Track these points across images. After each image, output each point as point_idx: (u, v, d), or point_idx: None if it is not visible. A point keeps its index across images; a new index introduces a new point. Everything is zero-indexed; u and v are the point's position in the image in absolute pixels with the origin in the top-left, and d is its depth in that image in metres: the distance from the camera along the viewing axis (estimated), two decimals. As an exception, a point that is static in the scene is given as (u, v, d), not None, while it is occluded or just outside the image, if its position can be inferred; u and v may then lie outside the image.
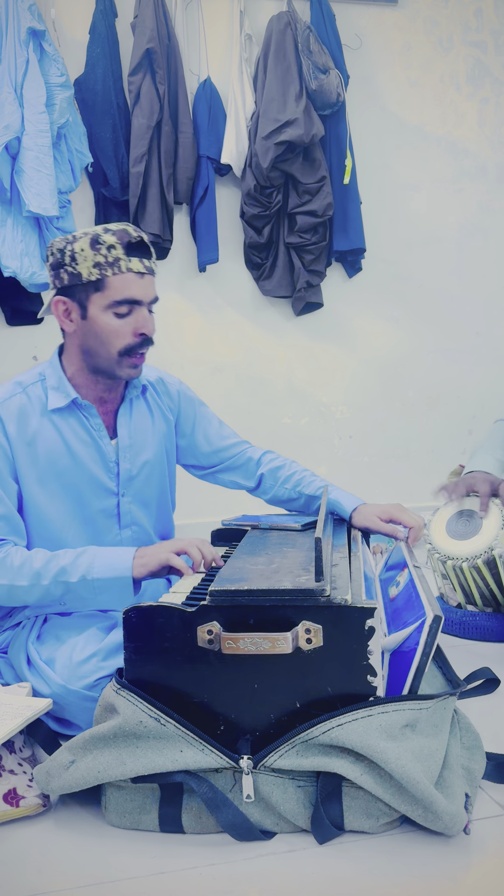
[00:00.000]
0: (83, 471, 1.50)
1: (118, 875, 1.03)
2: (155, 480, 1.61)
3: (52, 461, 1.47)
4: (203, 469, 1.75)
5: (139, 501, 1.59)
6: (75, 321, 1.44)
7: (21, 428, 1.45)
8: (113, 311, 1.40)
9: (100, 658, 1.37)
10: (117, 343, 1.43)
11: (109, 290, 1.39)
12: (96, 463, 1.51)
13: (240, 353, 3.24)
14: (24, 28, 2.63)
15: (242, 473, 1.75)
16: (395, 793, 1.06)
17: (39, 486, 1.47)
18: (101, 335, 1.42)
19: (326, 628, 1.09)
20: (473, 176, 3.45)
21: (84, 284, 1.40)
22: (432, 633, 1.15)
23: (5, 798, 1.14)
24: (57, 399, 1.47)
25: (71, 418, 1.49)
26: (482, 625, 1.92)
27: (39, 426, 1.46)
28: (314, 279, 3.11)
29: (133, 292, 1.40)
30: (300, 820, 1.09)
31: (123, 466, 1.54)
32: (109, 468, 1.53)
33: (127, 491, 1.56)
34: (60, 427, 1.48)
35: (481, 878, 1.02)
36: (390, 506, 1.64)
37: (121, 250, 1.39)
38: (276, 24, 2.99)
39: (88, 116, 2.87)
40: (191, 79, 3.04)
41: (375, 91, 3.31)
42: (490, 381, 3.53)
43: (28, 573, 1.36)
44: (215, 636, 1.10)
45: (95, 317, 1.41)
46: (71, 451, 1.48)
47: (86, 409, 1.50)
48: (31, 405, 1.47)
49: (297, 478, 1.73)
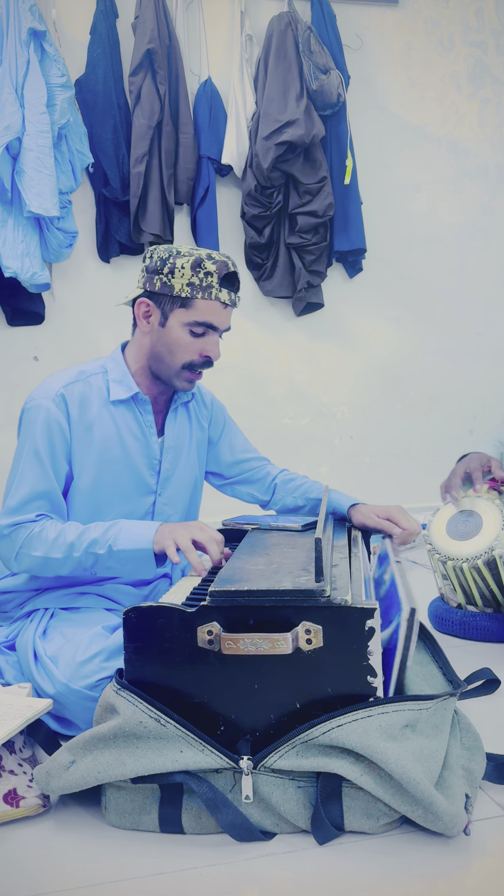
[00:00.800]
0: (130, 464, 1.56)
1: (118, 875, 1.03)
2: (187, 485, 1.68)
3: (105, 450, 1.53)
4: (223, 479, 1.81)
5: (172, 504, 1.64)
6: (153, 325, 1.52)
7: (82, 412, 1.52)
8: (190, 328, 1.49)
9: (103, 658, 1.38)
10: (184, 357, 1.51)
11: (194, 311, 1.48)
12: (142, 458, 1.58)
13: (241, 353, 3.24)
14: (24, 28, 2.63)
15: (259, 487, 1.81)
16: (395, 793, 1.05)
17: (90, 471, 1.53)
18: (172, 345, 1.51)
19: (326, 629, 1.09)
20: (474, 176, 3.45)
21: (172, 297, 1.48)
22: (409, 626, 1.15)
23: (5, 798, 1.14)
24: (119, 391, 1.54)
25: (128, 412, 1.56)
26: (482, 625, 1.92)
27: (98, 414, 1.53)
28: (315, 279, 3.11)
29: (214, 319, 1.50)
30: (300, 820, 1.09)
31: (164, 466, 1.61)
32: (153, 465, 1.60)
33: (164, 491, 1.62)
34: (117, 419, 1.55)
35: (481, 878, 1.02)
36: (390, 507, 1.66)
37: (216, 279, 1.48)
38: (277, 24, 2.99)
39: (89, 117, 2.88)
40: (191, 79, 3.04)
41: (376, 91, 3.31)
42: (491, 381, 3.53)
43: (62, 546, 1.42)
44: (215, 636, 1.10)
45: (172, 328, 1.50)
46: (123, 443, 1.55)
47: (142, 406, 1.57)
48: (91, 394, 1.54)
49: (305, 487, 1.79)
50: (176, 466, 1.63)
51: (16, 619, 1.56)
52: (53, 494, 1.49)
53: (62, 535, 1.42)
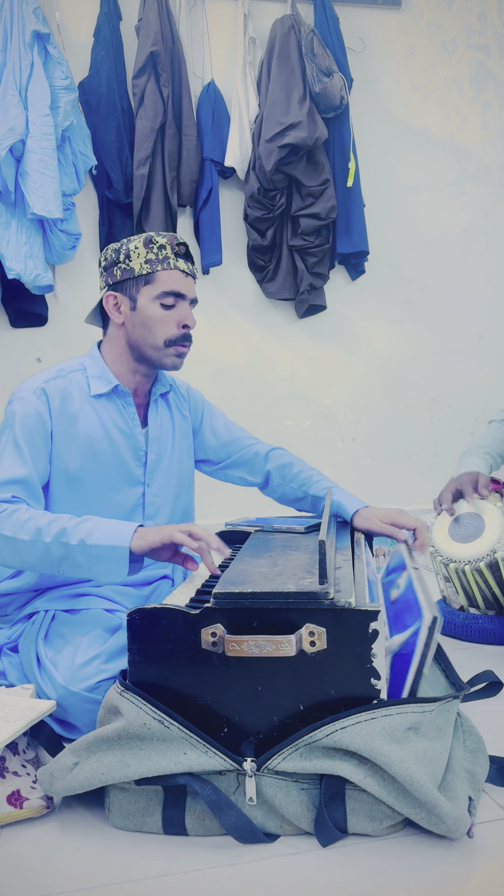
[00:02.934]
0: (116, 456, 1.57)
1: (121, 877, 1.03)
2: (175, 476, 1.67)
3: (90, 443, 1.54)
4: (213, 464, 1.80)
5: (161, 495, 1.64)
6: (124, 313, 1.56)
7: (64, 405, 1.53)
8: (160, 301, 1.53)
9: (102, 660, 1.38)
10: (163, 331, 1.54)
11: (158, 283, 1.53)
12: (128, 450, 1.58)
13: (243, 355, 3.24)
14: (28, 31, 2.64)
15: (249, 469, 1.79)
16: (398, 796, 1.05)
17: (76, 464, 1.53)
18: (149, 323, 1.54)
19: (330, 631, 1.09)
20: (477, 179, 3.45)
21: (136, 278, 1.53)
22: (430, 634, 1.15)
23: (9, 800, 1.15)
24: (99, 386, 1.56)
25: (110, 405, 1.58)
26: (485, 628, 1.92)
27: (81, 408, 1.55)
28: (317, 282, 3.12)
29: (178, 286, 1.54)
30: (303, 822, 1.09)
31: (150, 457, 1.62)
32: (139, 456, 1.60)
33: (152, 481, 1.62)
34: (100, 412, 1.56)
35: (484, 881, 1.02)
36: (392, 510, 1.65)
37: (170, 250, 1.54)
38: (280, 27, 2.99)
39: (92, 119, 2.88)
40: (195, 82, 3.05)
41: (379, 94, 3.32)
42: (493, 384, 3.53)
43: (31, 528, 1.37)
44: (219, 638, 1.10)
45: (144, 307, 1.53)
46: (108, 436, 1.56)
47: (124, 398, 1.59)
48: (73, 388, 1.56)
49: (304, 477, 1.76)
50: (162, 457, 1.64)
51: (16, 622, 1.56)
52: (30, 482, 1.47)
53: (33, 519, 1.38)
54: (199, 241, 3.07)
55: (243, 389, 3.25)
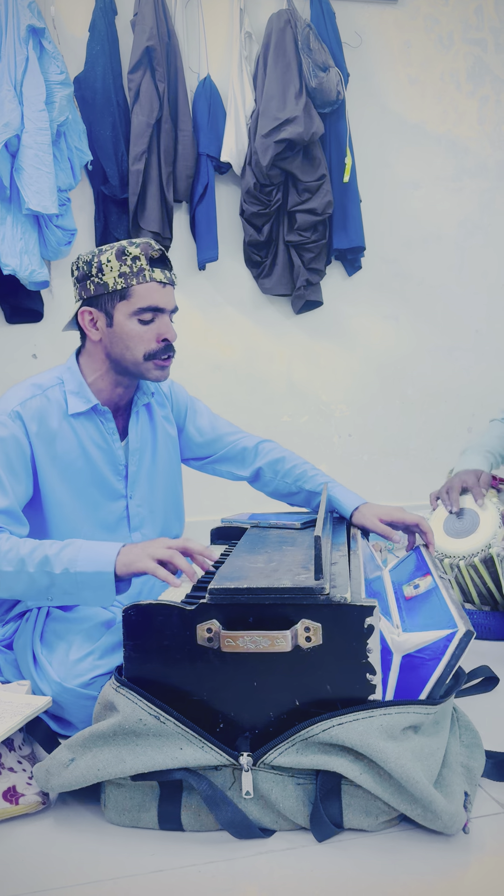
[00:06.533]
0: (95, 473, 1.54)
1: (117, 873, 1.03)
2: (159, 485, 1.65)
3: (69, 462, 1.51)
4: (200, 460, 1.78)
5: (147, 505, 1.62)
6: (101, 329, 1.50)
7: (41, 427, 1.48)
8: (137, 317, 1.47)
9: (96, 656, 1.38)
10: (142, 348, 1.49)
11: (134, 298, 1.46)
12: (106, 466, 1.55)
13: (239, 351, 3.24)
14: (23, 26, 2.63)
15: (237, 464, 1.77)
16: (394, 792, 1.06)
17: (58, 485, 1.50)
18: (127, 340, 1.48)
19: (326, 626, 1.09)
20: (473, 174, 3.44)
21: (110, 293, 1.46)
22: (461, 646, 1.14)
23: (5, 796, 1.15)
24: (78, 404, 1.52)
25: (88, 423, 1.54)
26: (480, 623, 1.92)
27: (59, 428, 1.50)
28: (314, 277, 3.11)
29: (156, 300, 1.47)
30: (299, 818, 1.10)
31: (131, 469, 1.59)
32: (118, 471, 1.57)
33: (134, 493, 1.59)
34: (78, 431, 1.52)
35: (480, 876, 1.02)
36: (392, 508, 1.64)
37: (145, 261, 1.46)
38: (276, 21, 2.98)
39: (88, 114, 2.87)
40: (190, 76, 3.04)
41: (375, 89, 3.31)
42: (490, 379, 3.53)
43: (14, 559, 1.33)
44: (215, 634, 1.10)
45: (121, 324, 1.48)
46: (86, 455, 1.53)
47: (103, 415, 1.55)
48: (50, 407, 1.50)
49: (298, 472, 1.74)
50: (143, 467, 1.61)
51: (9, 620, 1.55)
52: (12, 510, 1.43)
53: (15, 549, 1.34)
54: (195, 237, 3.07)
55: (240, 385, 3.24)
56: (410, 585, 1.45)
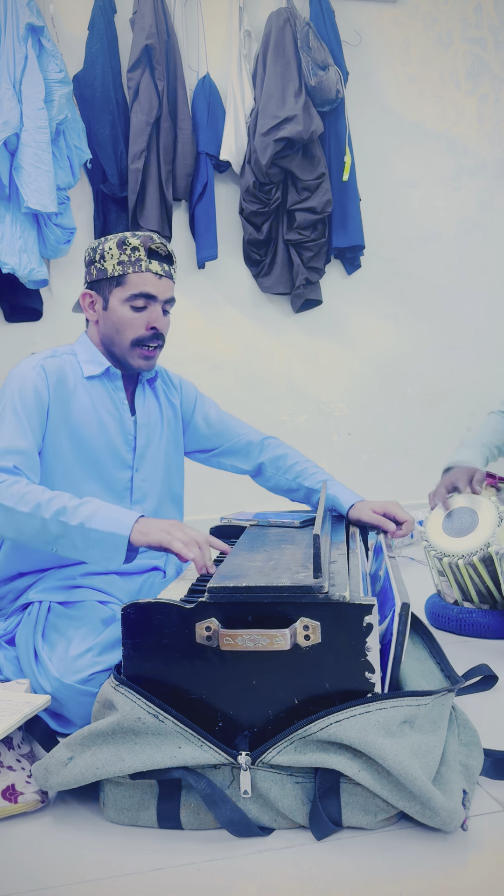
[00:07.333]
0: (107, 440, 1.59)
1: (116, 871, 1.03)
2: (163, 463, 1.69)
3: (82, 424, 1.56)
4: (205, 452, 1.82)
5: (149, 481, 1.66)
6: (97, 311, 1.59)
7: (60, 383, 1.55)
8: (130, 303, 1.54)
9: (95, 653, 1.38)
10: (130, 333, 1.55)
11: (129, 285, 1.54)
12: (118, 435, 1.61)
13: (239, 350, 3.24)
14: (22, 24, 2.63)
15: (242, 457, 1.81)
16: (392, 789, 1.06)
17: (67, 443, 1.55)
18: (117, 324, 1.56)
19: (325, 625, 1.09)
20: (473, 172, 3.44)
21: (108, 279, 1.55)
22: (402, 620, 1.15)
23: (4, 794, 1.15)
24: (92, 368, 1.59)
25: (101, 389, 1.60)
26: (479, 622, 1.92)
27: (75, 388, 1.57)
28: (313, 276, 3.11)
29: (149, 289, 1.54)
30: (298, 816, 1.10)
31: (139, 442, 1.64)
32: (128, 441, 1.62)
33: (140, 466, 1.64)
34: (92, 395, 1.59)
35: (479, 874, 1.02)
36: (387, 502, 1.67)
37: (143, 253, 1.53)
38: (276, 20, 2.98)
39: (87, 113, 2.87)
40: (190, 75, 3.04)
41: (375, 88, 3.31)
42: (489, 378, 3.54)
43: (32, 501, 1.36)
44: (213, 633, 1.10)
45: (114, 308, 1.56)
46: (100, 419, 1.58)
47: (114, 381, 1.61)
48: (67, 368, 1.58)
49: (299, 469, 1.79)
50: (150, 443, 1.66)
51: (11, 613, 1.56)
52: (30, 454, 1.47)
53: (33, 493, 1.37)
54: (194, 236, 3.07)
55: (239, 384, 3.24)
56: (377, 581, 1.46)
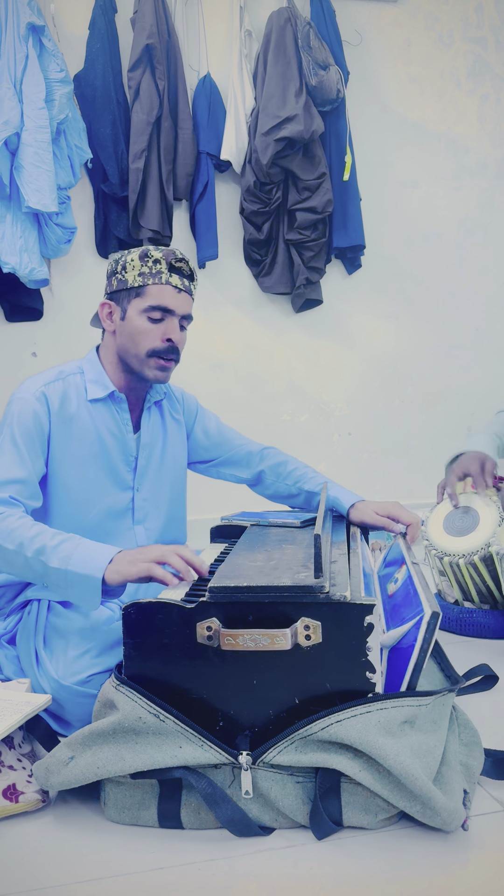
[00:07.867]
0: (107, 461, 1.59)
1: (117, 870, 1.03)
2: (166, 482, 1.69)
3: (83, 446, 1.56)
4: (205, 463, 1.83)
5: (151, 500, 1.66)
6: (115, 322, 1.59)
7: (62, 408, 1.56)
8: (147, 314, 1.55)
9: (93, 654, 1.38)
10: (146, 343, 1.55)
11: (147, 297, 1.54)
12: (118, 455, 1.61)
13: (239, 349, 3.24)
14: (23, 23, 2.63)
15: (241, 467, 1.83)
16: (393, 789, 1.06)
17: (69, 467, 1.55)
18: (134, 334, 1.56)
19: (325, 625, 1.09)
20: (473, 172, 3.44)
21: (128, 290, 1.56)
22: (430, 629, 1.16)
23: (5, 793, 1.15)
24: (96, 390, 1.59)
25: (105, 410, 1.60)
26: (479, 621, 1.93)
27: (77, 411, 1.57)
28: (314, 276, 3.11)
29: (167, 302, 1.55)
30: (299, 816, 1.10)
31: (141, 462, 1.64)
32: (129, 461, 1.62)
33: (141, 486, 1.64)
34: (95, 416, 1.59)
35: (479, 874, 1.02)
36: (388, 503, 1.67)
37: (164, 266, 1.55)
38: (276, 19, 2.98)
39: (88, 112, 2.87)
40: (190, 75, 3.04)
41: (375, 87, 3.31)
42: (489, 378, 3.54)
43: (17, 538, 1.34)
44: (214, 633, 1.11)
45: (132, 318, 1.56)
46: (101, 440, 1.58)
47: (119, 404, 1.61)
48: (71, 391, 1.58)
49: (298, 474, 1.80)
50: (151, 462, 1.66)
51: (10, 612, 1.56)
52: (28, 481, 1.47)
53: (20, 529, 1.35)
54: (195, 235, 3.06)
55: (240, 384, 3.24)
56: (392, 581, 1.46)
